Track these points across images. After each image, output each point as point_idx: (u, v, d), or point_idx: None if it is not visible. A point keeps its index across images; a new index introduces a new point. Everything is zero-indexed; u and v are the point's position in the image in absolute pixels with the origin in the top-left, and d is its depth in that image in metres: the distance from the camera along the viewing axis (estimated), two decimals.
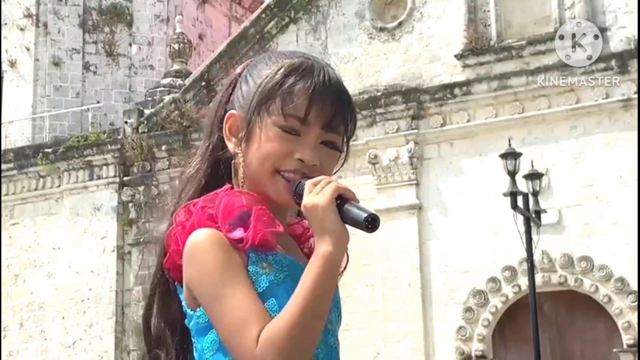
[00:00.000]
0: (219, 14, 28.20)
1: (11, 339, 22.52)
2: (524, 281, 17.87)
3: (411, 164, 19.79)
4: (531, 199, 17.14)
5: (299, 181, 2.20)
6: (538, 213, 17.28)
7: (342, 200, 2.12)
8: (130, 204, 22.38)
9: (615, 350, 17.80)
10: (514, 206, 16.51)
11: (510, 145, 17.22)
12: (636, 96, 18.26)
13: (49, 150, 23.04)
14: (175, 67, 23.75)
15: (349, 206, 2.12)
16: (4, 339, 22.57)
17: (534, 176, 17.37)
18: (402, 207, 19.66)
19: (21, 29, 25.36)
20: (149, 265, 21.71)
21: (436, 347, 18.93)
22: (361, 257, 18.52)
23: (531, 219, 16.88)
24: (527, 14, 19.90)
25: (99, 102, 24.96)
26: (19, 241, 23.06)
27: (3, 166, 23.35)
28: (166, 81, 23.52)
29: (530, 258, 16.54)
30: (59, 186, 23.03)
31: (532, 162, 17.57)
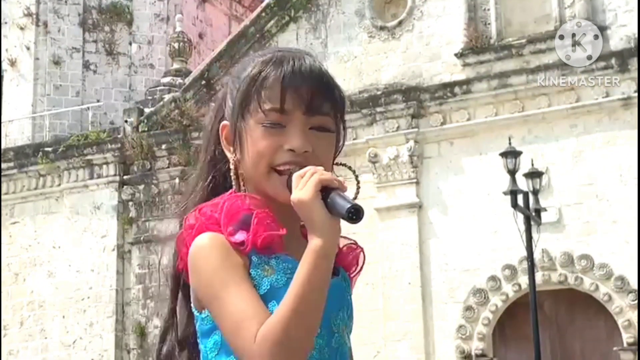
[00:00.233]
0: (219, 13, 28.18)
1: (11, 337, 22.52)
2: (524, 280, 17.87)
3: (411, 162, 19.79)
4: (531, 197, 17.15)
5: (290, 175, 2.18)
6: (538, 211, 17.28)
7: (328, 190, 2.09)
8: (130, 203, 22.38)
9: (616, 349, 17.80)
10: (514, 205, 16.52)
11: (510, 143, 17.22)
12: (636, 95, 18.26)
13: (49, 149, 23.03)
14: (175, 66, 23.74)
15: (333, 197, 2.08)
16: (5, 337, 22.56)
17: (534, 175, 17.37)
18: (402, 206, 19.66)
19: (21, 28, 25.34)
20: (149, 264, 21.71)
21: (436, 345, 18.93)
22: None
23: (531, 217, 16.89)
24: (527, 13, 19.90)
25: (99, 101, 24.93)
26: (19, 240, 23.06)
27: (3, 165, 23.34)
28: (166, 80, 23.51)
29: (530, 256, 16.54)
30: (59, 185, 23.02)
31: (532, 160, 17.58)
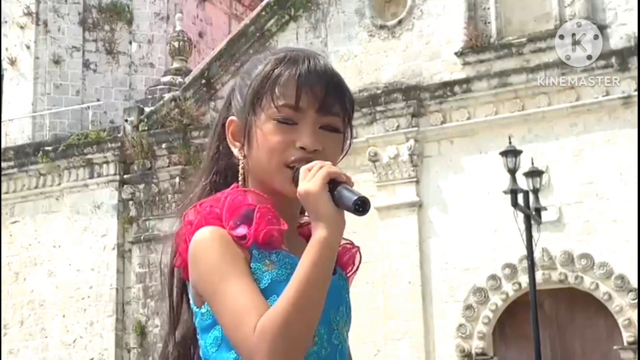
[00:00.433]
0: (219, 12, 28.17)
1: (12, 337, 22.52)
2: (524, 279, 17.88)
3: (411, 161, 19.79)
4: (531, 196, 17.14)
5: (296, 169, 2.19)
6: (538, 210, 17.28)
7: (335, 184, 2.11)
8: (130, 202, 22.38)
9: (616, 348, 17.80)
10: (514, 204, 16.52)
11: (510, 142, 17.23)
12: (636, 93, 18.26)
13: (49, 148, 23.04)
14: (176, 65, 23.74)
15: (340, 190, 2.10)
16: (5, 336, 22.57)
17: (534, 174, 17.37)
18: (402, 205, 19.66)
19: (21, 27, 25.34)
20: (149, 263, 21.71)
21: (436, 344, 18.94)
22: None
23: (531, 216, 16.89)
24: (527, 11, 19.90)
25: (99, 100, 24.93)
26: (19, 239, 23.06)
27: (3, 164, 23.34)
28: (166, 79, 23.51)
29: (530, 255, 16.55)
30: (59, 184, 23.02)
31: (532, 159, 17.58)
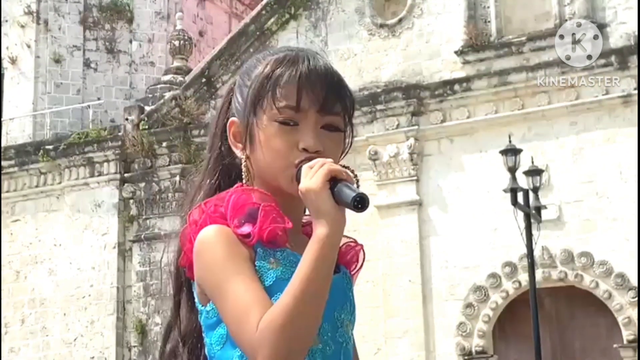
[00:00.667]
0: (220, 11, 28.17)
1: (12, 335, 22.55)
2: (524, 277, 17.91)
3: (411, 160, 19.81)
4: (531, 195, 17.16)
5: (299, 167, 2.20)
6: (538, 209, 17.30)
7: (336, 181, 2.11)
8: (131, 201, 22.40)
9: (616, 346, 17.82)
10: (514, 202, 16.55)
11: (510, 141, 17.26)
12: (636, 92, 18.29)
13: (50, 147, 23.05)
14: (176, 64, 23.75)
15: (340, 187, 2.11)
16: (6, 335, 22.60)
17: (534, 172, 17.38)
18: (402, 203, 19.68)
19: (22, 26, 25.33)
20: (150, 262, 21.74)
21: (437, 343, 18.96)
22: None
23: (531, 215, 16.91)
24: (527, 10, 19.92)
25: (99, 99, 24.92)
26: (20, 238, 23.08)
27: (4, 163, 23.36)
28: (167, 78, 23.54)
29: (530, 254, 16.58)
30: (59, 183, 23.04)
31: (532, 158, 17.60)
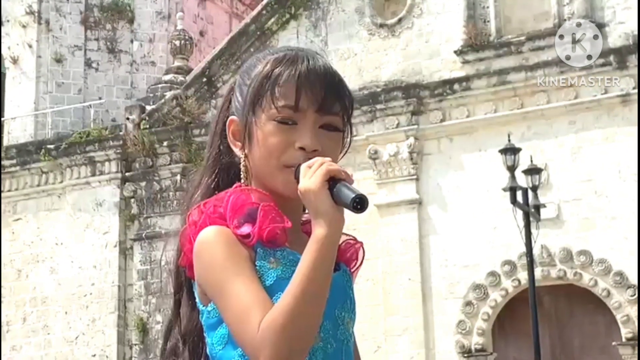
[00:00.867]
0: (220, 11, 28.21)
1: (14, 333, 22.61)
2: (523, 275, 17.96)
3: (411, 159, 19.87)
4: (530, 193, 17.19)
5: (297, 167, 2.19)
6: (537, 208, 17.33)
7: (335, 181, 2.11)
8: (132, 200, 22.45)
9: (614, 344, 17.87)
10: (514, 201, 16.58)
11: (509, 140, 17.30)
12: (634, 91, 18.32)
13: (52, 147, 23.09)
14: (177, 63, 23.78)
15: (339, 187, 2.10)
16: (8, 333, 22.65)
17: (533, 171, 17.42)
18: (402, 202, 19.73)
19: (23, 26, 25.36)
20: (151, 260, 21.80)
21: (436, 340, 19.01)
22: None
23: (530, 213, 16.94)
24: (526, 10, 19.97)
25: (100, 98, 24.95)
26: (22, 236, 23.13)
27: (6, 162, 23.43)
28: (167, 77, 23.57)
29: (529, 252, 16.61)
30: (61, 182, 23.09)
31: (531, 157, 17.64)
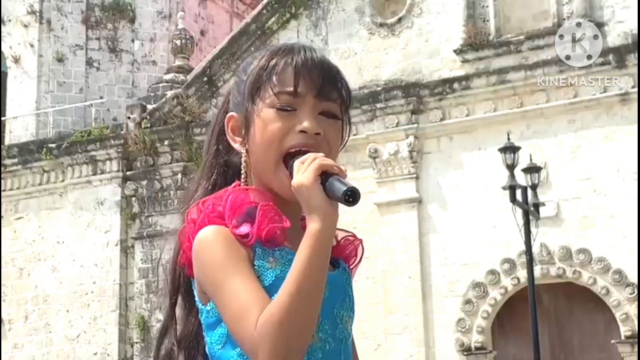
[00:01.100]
0: (221, 10, 28.26)
1: (16, 331, 22.67)
2: (522, 273, 18.00)
3: (411, 157, 19.91)
4: (530, 192, 17.20)
5: (291, 164, 2.19)
6: (537, 206, 17.35)
7: (327, 175, 2.12)
8: (133, 198, 22.50)
9: (613, 342, 17.91)
10: (513, 199, 16.60)
11: (509, 139, 17.32)
12: (634, 90, 18.34)
13: (53, 146, 23.15)
14: (178, 62, 23.81)
15: (331, 181, 2.10)
16: (10, 331, 22.72)
17: (533, 170, 17.45)
18: (402, 201, 19.77)
19: (25, 26, 25.42)
20: (152, 259, 21.86)
21: (436, 338, 19.05)
22: None
23: (530, 212, 16.95)
24: (525, 9, 20.01)
25: (102, 97, 25.01)
26: (23, 235, 23.19)
27: (7, 161, 23.49)
28: (168, 77, 23.60)
29: (529, 251, 16.64)
30: (62, 181, 23.14)
31: (530, 155, 17.68)
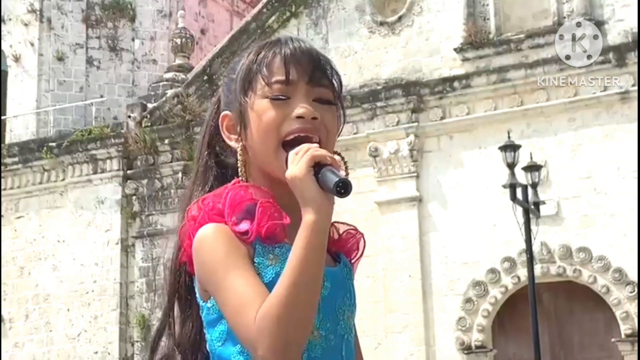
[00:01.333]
0: (221, 9, 28.28)
1: (17, 330, 22.70)
2: (523, 272, 18.01)
3: (411, 156, 19.92)
4: (530, 190, 17.22)
5: (287, 155, 2.18)
6: (537, 205, 17.36)
7: (320, 166, 2.11)
8: (133, 197, 22.52)
9: (614, 340, 17.93)
10: (513, 198, 16.62)
11: (509, 137, 17.33)
12: (634, 89, 18.35)
13: (53, 144, 23.17)
14: (178, 61, 23.83)
15: (324, 172, 2.10)
16: (10, 330, 22.75)
17: (533, 168, 17.47)
18: (402, 199, 19.79)
19: (25, 24, 25.45)
20: (153, 258, 21.88)
21: (436, 337, 19.07)
22: None
23: (530, 210, 16.97)
24: (525, 8, 20.01)
25: (102, 96, 25.05)
26: (24, 234, 23.22)
27: (8, 160, 23.51)
28: (169, 75, 23.62)
29: (529, 249, 16.66)
30: (63, 180, 23.17)
31: (530, 154, 17.71)
